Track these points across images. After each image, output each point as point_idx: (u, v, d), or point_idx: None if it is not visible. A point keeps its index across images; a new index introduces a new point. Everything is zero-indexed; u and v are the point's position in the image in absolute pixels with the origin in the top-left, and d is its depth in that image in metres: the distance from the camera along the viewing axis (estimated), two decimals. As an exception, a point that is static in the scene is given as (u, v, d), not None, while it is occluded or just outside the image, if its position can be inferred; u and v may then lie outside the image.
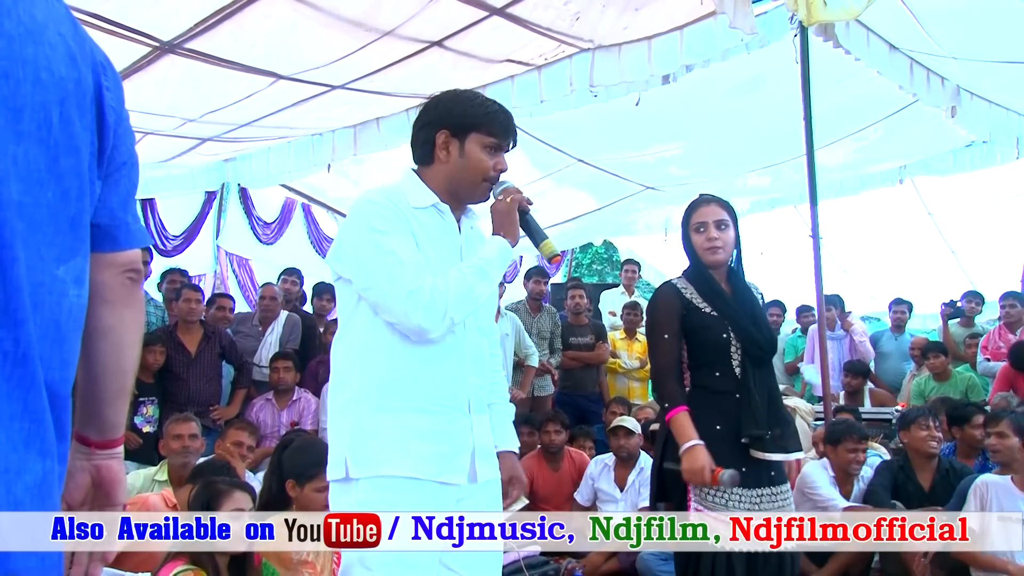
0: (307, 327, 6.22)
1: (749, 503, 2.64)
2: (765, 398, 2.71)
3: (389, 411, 1.91)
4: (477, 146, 2.01)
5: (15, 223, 0.97)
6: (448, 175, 2.03)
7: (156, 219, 7.45)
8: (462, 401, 1.96)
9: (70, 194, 1.04)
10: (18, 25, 0.99)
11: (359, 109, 5.72)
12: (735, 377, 2.72)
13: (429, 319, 1.85)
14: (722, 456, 2.61)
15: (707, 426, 2.65)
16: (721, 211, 2.78)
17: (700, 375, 2.77)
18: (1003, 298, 6.68)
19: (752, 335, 2.73)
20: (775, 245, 9.58)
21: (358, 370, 1.94)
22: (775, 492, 2.69)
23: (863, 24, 4.83)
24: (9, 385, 0.96)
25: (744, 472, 2.61)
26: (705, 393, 2.74)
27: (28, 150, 0.99)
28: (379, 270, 1.89)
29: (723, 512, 2.61)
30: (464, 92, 2.10)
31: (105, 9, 3.80)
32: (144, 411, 5.15)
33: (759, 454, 2.66)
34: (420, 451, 1.89)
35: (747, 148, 7.06)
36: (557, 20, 4.66)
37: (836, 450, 4.17)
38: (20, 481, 0.97)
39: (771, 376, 2.82)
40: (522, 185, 2.18)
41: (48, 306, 1.02)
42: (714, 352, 2.74)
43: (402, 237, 1.92)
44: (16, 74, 0.98)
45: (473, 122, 2.01)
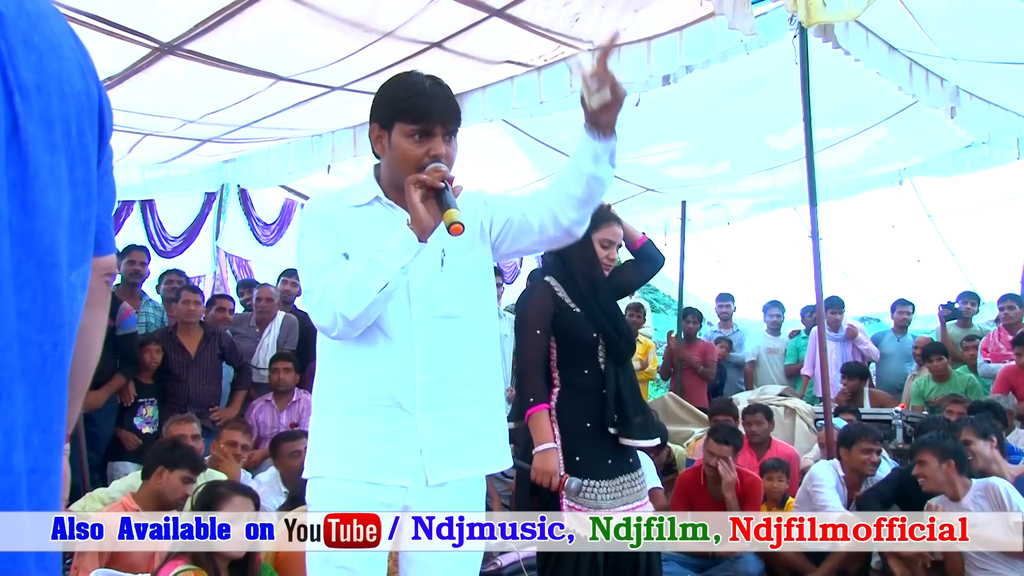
0: (304, 328, 6.22)
1: (614, 492, 2.90)
2: (629, 392, 2.97)
3: (328, 412, 1.94)
4: (401, 136, 1.87)
5: (56, 231, 1.02)
6: (387, 169, 1.96)
7: (156, 220, 7.46)
8: (404, 400, 1.87)
9: (81, 203, 1.09)
10: (44, 40, 1.03)
11: (359, 110, 5.72)
12: (600, 374, 2.95)
13: (321, 318, 1.84)
14: (592, 450, 2.89)
15: (577, 422, 2.91)
16: (621, 231, 3.09)
17: (569, 373, 2.97)
18: (1002, 300, 6.68)
19: (615, 336, 2.97)
20: (775, 246, 9.61)
21: (317, 372, 2.00)
22: (633, 478, 2.97)
23: (862, 25, 4.83)
24: (49, 388, 1.01)
25: (609, 464, 2.90)
26: (574, 391, 2.95)
27: (57, 161, 1.03)
28: (300, 274, 2.00)
29: (592, 505, 2.84)
30: (393, 80, 1.96)
31: (105, 10, 3.80)
32: (144, 412, 5.15)
33: (627, 441, 2.94)
34: (350, 452, 1.88)
35: (747, 149, 7.06)
36: (556, 21, 4.67)
37: (850, 452, 4.17)
38: (47, 483, 1.01)
39: (631, 372, 3.09)
40: (522, 186, 2.17)
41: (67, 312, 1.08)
42: (582, 350, 2.95)
43: (317, 239, 1.92)
44: (48, 88, 1.02)
45: (394, 113, 1.88)
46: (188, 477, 3.33)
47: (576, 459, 2.89)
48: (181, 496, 3.31)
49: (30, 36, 1.01)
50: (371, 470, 1.87)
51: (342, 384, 1.92)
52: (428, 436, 1.88)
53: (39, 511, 1.00)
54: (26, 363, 0.98)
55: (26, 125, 0.98)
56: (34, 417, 0.99)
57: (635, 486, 2.96)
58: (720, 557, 4.06)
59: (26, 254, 0.98)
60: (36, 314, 0.99)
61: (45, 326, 1.01)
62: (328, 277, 1.84)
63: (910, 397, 6.58)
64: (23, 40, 0.99)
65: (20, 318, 0.97)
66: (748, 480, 4.31)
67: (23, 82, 0.99)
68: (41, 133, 1.01)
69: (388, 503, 1.87)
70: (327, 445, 1.92)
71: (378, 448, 1.87)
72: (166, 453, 3.42)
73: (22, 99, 0.98)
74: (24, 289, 0.98)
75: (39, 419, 1.00)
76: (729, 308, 8.17)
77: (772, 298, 8.06)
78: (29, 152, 0.98)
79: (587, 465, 2.88)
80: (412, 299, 1.89)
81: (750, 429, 5.02)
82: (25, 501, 0.97)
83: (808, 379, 7.20)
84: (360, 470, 1.87)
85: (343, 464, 1.88)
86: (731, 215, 9.57)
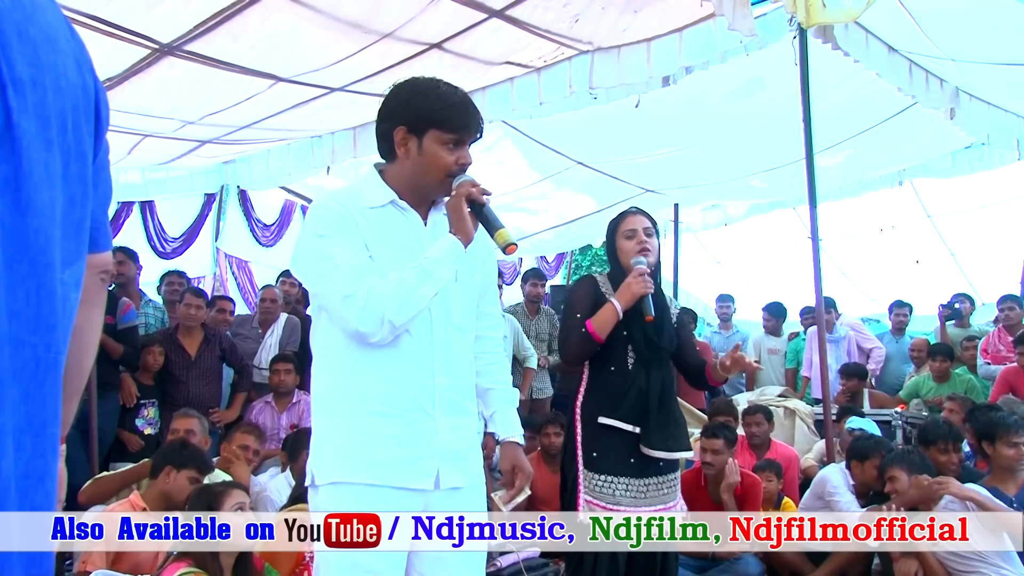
0: (306, 329, 6.21)
1: (636, 491, 2.87)
2: (657, 397, 2.90)
3: (343, 415, 1.89)
4: (436, 143, 1.92)
5: (50, 230, 1.00)
6: (409, 173, 1.96)
7: (155, 221, 7.47)
8: (425, 403, 1.90)
9: (76, 200, 1.06)
10: (40, 32, 1.00)
11: (359, 111, 5.73)
12: (628, 374, 2.92)
13: (365, 323, 1.81)
14: (610, 445, 2.87)
15: (598, 419, 2.89)
16: (647, 221, 3.05)
17: (597, 370, 2.99)
18: (1002, 301, 6.68)
19: (649, 335, 2.92)
20: (774, 247, 9.61)
21: (321, 375, 1.95)
22: (661, 481, 2.92)
23: (862, 26, 4.83)
24: (42, 391, 0.99)
25: (632, 463, 2.86)
26: (600, 387, 2.96)
27: (52, 157, 1.01)
28: (319, 276, 1.90)
29: (610, 501, 2.84)
30: (423, 84, 1.98)
31: (105, 11, 3.80)
32: (145, 413, 5.16)
33: (646, 450, 2.87)
34: (375, 456, 1.85)
35: (747, 150, 7.07)
36: (556, 22, 4.67)
37: (863, 467, 4.08)
38: (41, 487, 0.99)
39: (666, 377, 2.99)
40: (522, 187, 2.19)
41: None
42: (610, 346, 2.93)
43: (343, 241, 1.88)
44: (43, 82, 1.00)
45: (431, 118, 1.92)
46: (195, 477, 3.33)
47: (593, 454, 2.89)
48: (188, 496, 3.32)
49: (25, 28, 0.98)
50: (397, 474, 1.86)
51: (361, 387, 1.88)
52: (444, 439, 1.92)
53: (32, 512, 0.98)
54: (18, 365, 0.96)
55: (20, 120, 0.96)
56: (26, 420, 0.97)
57: (662, 489, 2.92)
58: (720, 558, 4.06)
59: (19, 253, 0.96)
60: (29, 315, 0.97)
61: (38, 327, 0.98)
62: (370, 282, 1.83)
63: (905, 394, 6.59)
64: (17, 32, 0.97)
65: (12, 319, 0.95)
66: (748, 481, 4.30)
67: (17, 75, 0.96)
68: (36, 128, 0.98)
69: (410, 507, 1.87)
70: (347, 450, 1.87)
71: (403, 452, 1.87)
72: (174, 453, 3.42)
73: (16, 93, 0.96)
74: (17, 289, 0.96)
75: (32, 422, 0.98)
76: (729, 309, 8.18)
77: (771, 299, 8.06)
78: (23, 148, 0.96)
79: (604, 461, 2.88)
80: (432, 306, 1.92)
81: (750, 430, 5.02)
82: (15, 506, 0.95)
83: (807, 380, 7.20)
84: (387, 474, 1.85)
85: (369, 469, 1.85)
86: (730, 216, 9.58)
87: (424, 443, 1.89)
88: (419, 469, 1.89)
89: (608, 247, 3.13)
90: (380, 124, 1.99)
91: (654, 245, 2.99)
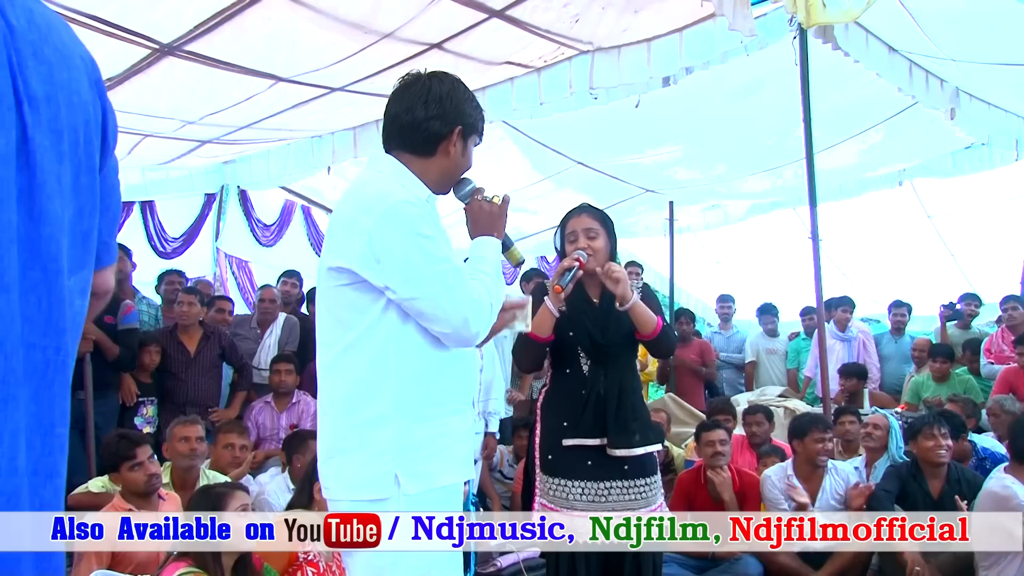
0: (305, 329, 6.21)
1: (594, 495, 2.80)
2: (615, 399, 2.84)
3: (431, 419, 1.87)
4: (471, 147, 2.07)
5: (60, 238, 1.05)
6: (446, 170, 2.02)
7: (155, 221, 7.47)
8: (474, 398, 2.06)
9: (85, 211, 1.12)
10: (54, 51, 1.06)
11: (359, 111, 5.73)
12: (582, 376, 2.89)
13: (485, 326, 1.91)
14: (567, 451, 2.83)
15: (555, 422, 2.88)
16: (591, 221, 2.98)
17: (555, 372, 3.00)
18: (1004, 301, 6.69)
19: (592, 336, 2.88)
20: (774, 247, 9.60)
21: (391, 381, 1.83)
22: (627, 485, 2.83)
23: (862, 26, 4.83)
24: (52, 392, 1.04)
25: (589, 465, 2.81)
26: (558, 389, 2.95)
27: (63, 169, 1.06)
28: (433, 279, 1.81)
29: (564, 505, 2.80)
30: (468, 91, 2.07)
31: (105, 12, 3.80)
32: (144, 412, 5.15)
33: (609, 451, 2.82)
34: (460, 454, 1.95)
35: (747, 150, 7.07)
36: (556, 22, 4.67)
37: (803, 442, 4.23)
38: (50, 484, 1.04)
39: (624, 374, 2.92)
40: (522, 188, 2.24)
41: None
42: (560, 349, 2.94)
43: (446, 242, 1.91)
44: (57, 98, 1.06)
45: (475, 125, 2.04)
46: (141, 462, 3.41)
47: (549, 457, 2.89)
48: (151, 476, 3.41)
49: (40, 48, 1.04)
50: (468, 468, 2.00)
51: (444, 388, 1.93)
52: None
53: (42, 512, 1.01)
54: (29, 367, 1.00)
55: (35, 134, 1.01)
56: (36, 420, 1.01)
57: (628, 494, 2.82)
58: (720, 559, 4.06)
59: (32, 260, 1.01)
60: (40, 319, 1.02)
61: (49, 331, 1.03)
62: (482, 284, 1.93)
63: (907, 396, 6.60)
64: (33, 52, 1.03)
65: (25, 323, 0.99)
66: (747, 480, 4.31)
67: (32, 92, 1.02)
68: (49, 142, 1.03)
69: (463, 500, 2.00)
70: (439, 453, 1.88)
71: (466, 447, 2.00)
72: (119, 450, 3.47)
73: (31, 109, 1.01)
74: (29, 295, 1.00)
75: (41, 422, 1.02)
76: (729, 309, 8.18)
77: (772, 300, 8.07)
78: (37, 161, 1.01)
79: (559, 464, 2.86)
80: None
81: (750, 430, 5.03)
82: (27, 502, 0.99)
83: (809, 380, 7.19)
84: (463, 470, 1.96)
85: (460, 468, 1.95)
86: (730, 216, 9.57)
87: (471, 437, 2.04)
88: (471, 459, 2.04)
89: (559, 247, 3.11)
90: (429, 120, 1.94)
91: (597, 246, 2.91)
